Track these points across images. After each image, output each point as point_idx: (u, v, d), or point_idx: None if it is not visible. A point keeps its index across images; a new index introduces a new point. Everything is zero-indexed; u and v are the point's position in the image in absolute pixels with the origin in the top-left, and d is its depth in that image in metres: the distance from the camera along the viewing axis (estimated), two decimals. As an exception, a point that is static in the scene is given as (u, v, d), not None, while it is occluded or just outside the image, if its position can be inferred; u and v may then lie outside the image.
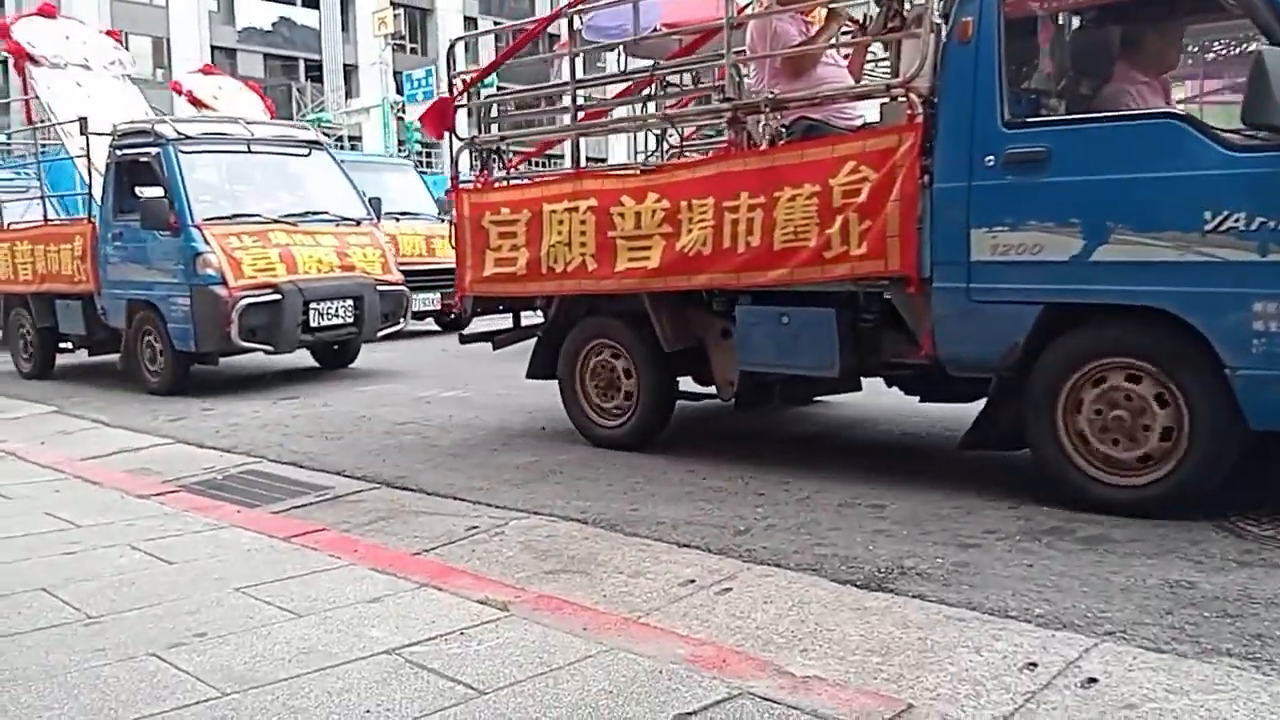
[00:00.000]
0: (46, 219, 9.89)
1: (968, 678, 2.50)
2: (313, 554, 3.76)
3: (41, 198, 10.10)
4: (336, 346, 9.43)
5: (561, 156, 9.30)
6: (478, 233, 5.78)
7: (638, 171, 5.38)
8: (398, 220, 12.11)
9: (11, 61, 11.12)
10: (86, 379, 9.78)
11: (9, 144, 14.67)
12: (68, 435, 6.78)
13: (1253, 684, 2.41)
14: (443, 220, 14.02)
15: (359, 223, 9.17)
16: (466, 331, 6.37)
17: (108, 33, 12.29)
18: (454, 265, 12.55)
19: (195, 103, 12.63)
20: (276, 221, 8.56)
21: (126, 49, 12.22)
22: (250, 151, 8.97)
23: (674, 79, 6.19)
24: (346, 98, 40.94)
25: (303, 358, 9.60)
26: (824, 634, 2.85)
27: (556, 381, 5.83)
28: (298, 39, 42.21)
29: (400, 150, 29.27)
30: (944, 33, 4.16)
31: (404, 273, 10.95)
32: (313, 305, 8.31)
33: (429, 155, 33.36)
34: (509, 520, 4.20)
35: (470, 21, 47.19)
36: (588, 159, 5.78)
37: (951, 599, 3.08)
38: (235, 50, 40.13)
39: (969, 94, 4.07)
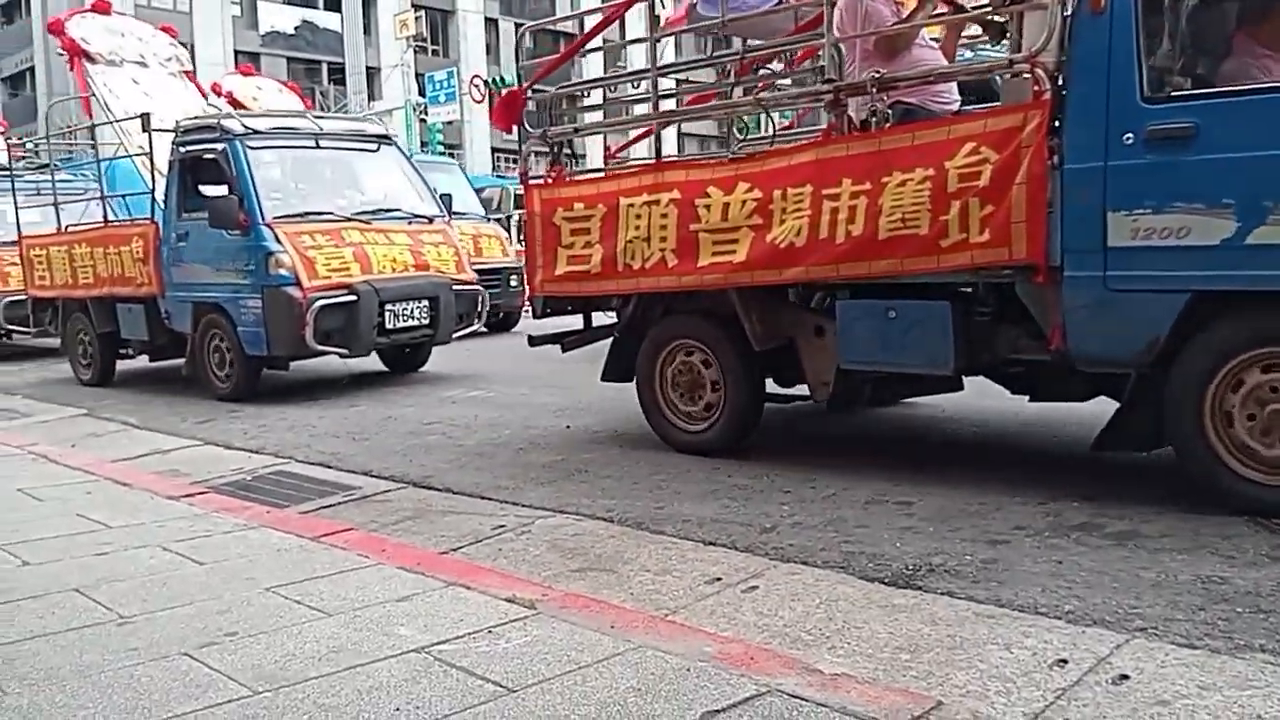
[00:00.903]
0: (107, 220, 9.52)
1: (997, 674, 2.49)
2: (341, 553, 3.78)
3: (101, 198, 9.71)
4: (408, 350, 9.10)
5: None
6: (549, 230, 5.54)
7: (725, 160, 5.05)
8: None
9: (67, 59, 10.81)
10: (117, 382, 9.87)
11: (68, 145, 14.41)
12: (97, 438, 6.85)
13: (1287, 680, 2.38)
14: (489, 220, 13.80)
15: (431, 220, 8.88)
16: (535, 334, 6.06)
17: (163, 28, 11.96)
18: (502, 265, 12.33)
19: (235, 104, 12.35)
20: (349, 219, 8.27)
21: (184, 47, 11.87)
22: (318, 147, 8.66)
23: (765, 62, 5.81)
24: (369, 100, 41.14)
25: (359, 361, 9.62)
26: (852, 631, 2.84)
27: (634, 385, 5.58)
28: (320, 42, 42.45)
29: (423, 150, 29.35)
30: (1070, 4, 3.92)
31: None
32: (388, 306, 7.97)
33: (452, 155, 33.46)
34: (535, 519, 4.21)
35: (491, 23, 47.32)
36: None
37: (980, 596, 3.07)
38: (259, 54, 40.35)
39: (1103, 68, 3.83)
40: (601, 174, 5.86)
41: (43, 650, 2.90)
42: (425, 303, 8.25)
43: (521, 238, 10.84)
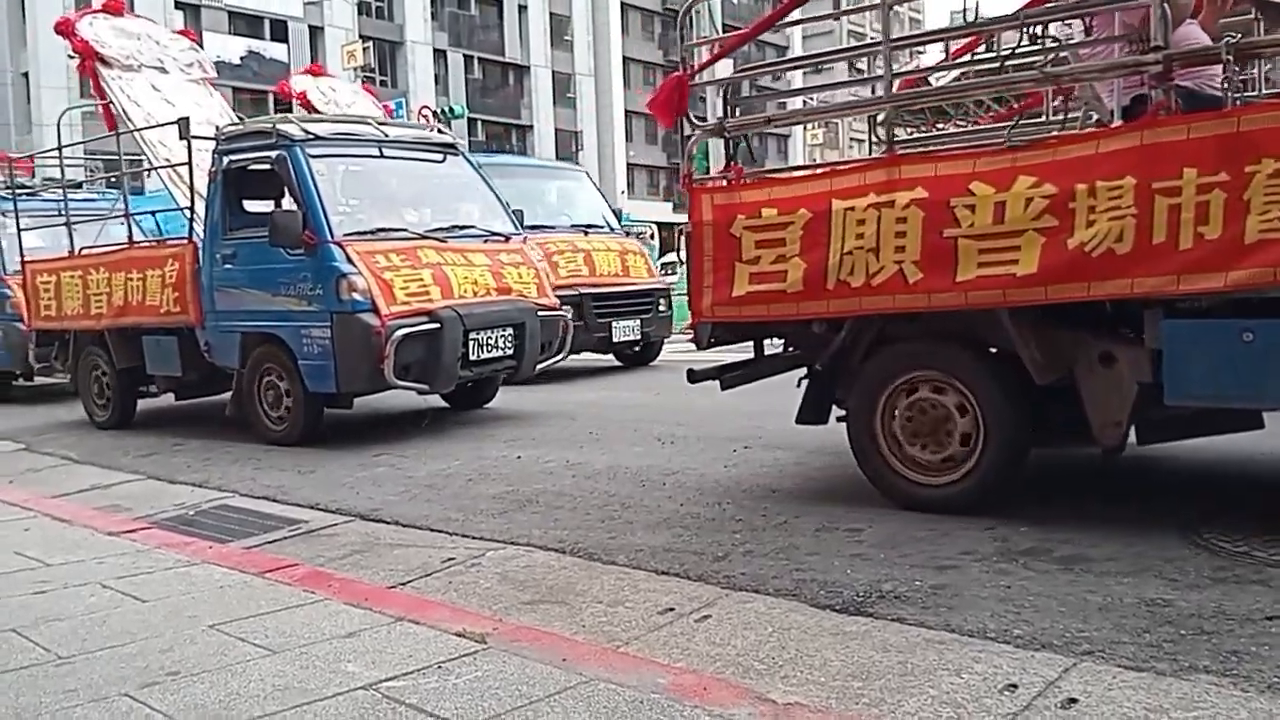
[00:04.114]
0: (131, 240, 8.58)
1: (949, 700, 2.50)
2: (287, 589, 3.71)
3: (125, 216, 8.71)
4: (471, 384, 8.11)
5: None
6: (724, 243, 4.67)
7: (992, 150, 4.19)
8: (586, 233, 11.14)
9: (78, 62, 9.69)
10: (53, 415, 9.65)
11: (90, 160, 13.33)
12: (36, 473, 6.68)
13: (1231, 701, 2.42)
14: (628, 234, 12.81)
15: (508, 238, 8.09)
16: (698, 368, 5.16)
17: (181, 32, 11.09)
18: (651, 288, 11.33)
19: (309, 107, 11.38)
20: (424, 237, 7.43)
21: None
22: (382, 155, 7.80)
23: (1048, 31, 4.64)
24: (317, 130, 40.86)
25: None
26: (804, 659, 2.84)
27: (845, 428, 4.71)
28: (267, 72, 41.99)
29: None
30: None
31: (600, 296, 10.51)
32: (472, 335, 7.15)
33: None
34: (485, 551, 4.17)
35: (439, 54, 47.37)
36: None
37: (930, 621, 3.08)
38: (204, 84, 40.01)
39: None
40: (799, 173, 4.99)
41: (-25, 694, 2.81)
42: (510, 330, 7.47)
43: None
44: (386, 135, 7.83)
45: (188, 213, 7.88)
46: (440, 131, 8.75)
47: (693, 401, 8.49)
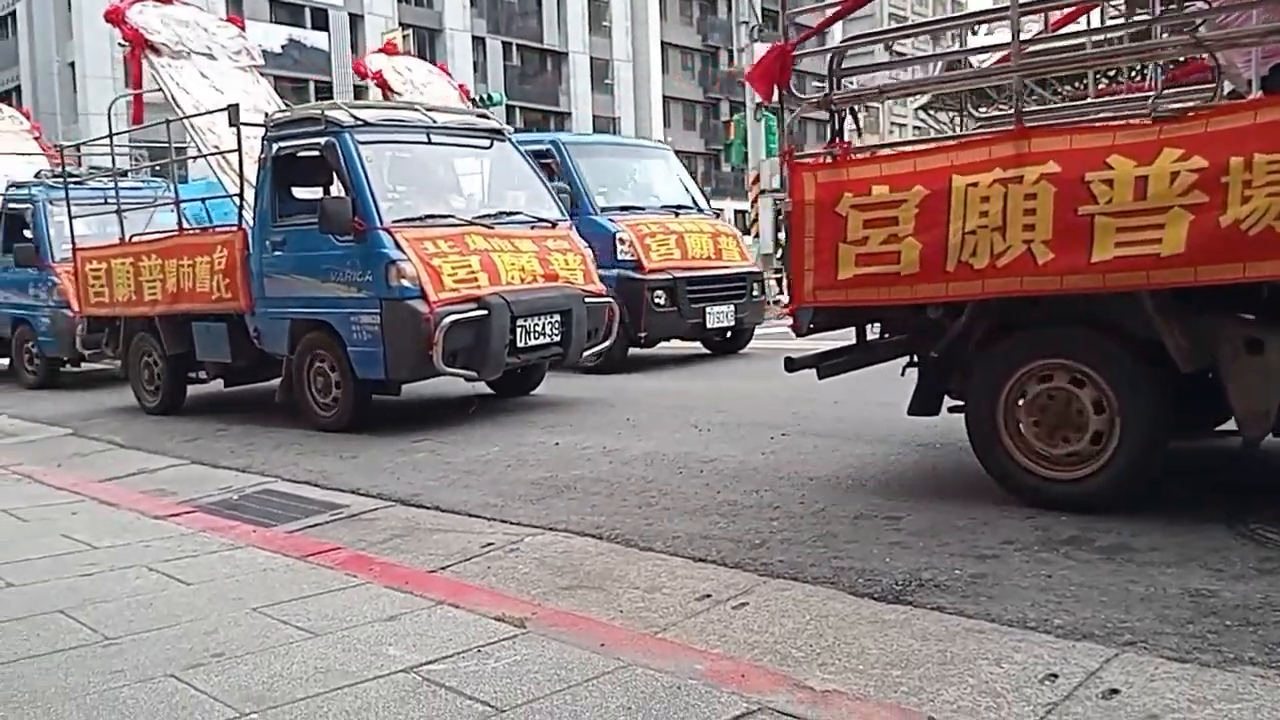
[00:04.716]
0: (181, 228, 8.69)
1: (988, 690, 2.48)
2: (329, 573, 3.76)
3: (175, 203, 8.84)
4: (520, 371, 8.10)
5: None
6: (829, 223, 4.39)
7: (1133, 123, 3.91)
8: (677, 214, 10.71)
9: (127, 50, 9.63)
10: (99, 401, 9.82)
11: (140, 147, 13.33)
12: (83, 457, 6.80)
13: (1277, 693, 2.38)
14: (719, 214, 12.50)
15: (554, 224, 8.03)
16: (797, 356, 4.92)
17: (230, 19, 11.05)
18: (744, 271, 10.83)
19: (385, 86, 11.34)
20: (471, 223, 7.41)
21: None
22: (430, 142, 7.75)
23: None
24: (357, 118, 41.13)
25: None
26: (842, 647, 2.83)
27: (964, 417, 4.46)
28: (307, 61, 42.47)
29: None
30: None
31: (694, 280, 10.17)
32: (519, 322, 7.14)
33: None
34: (524, 536, 4.20)
35: (478, 41, 47.47)
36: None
37: (970, 610, 3.07)
38: (246, 72, 40.43)
39: None
40: (915, 148, 4.72)
41: (27, 673, 2.87)
42: (557, 317, 7.46)
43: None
44: (434, 121, 7.82)
45: (237, 200, 7.94)
46: (485, 117, 8.72)
47: (733, 387, 8.51)
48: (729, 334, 10.86)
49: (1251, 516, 3.76)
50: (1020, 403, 4.23)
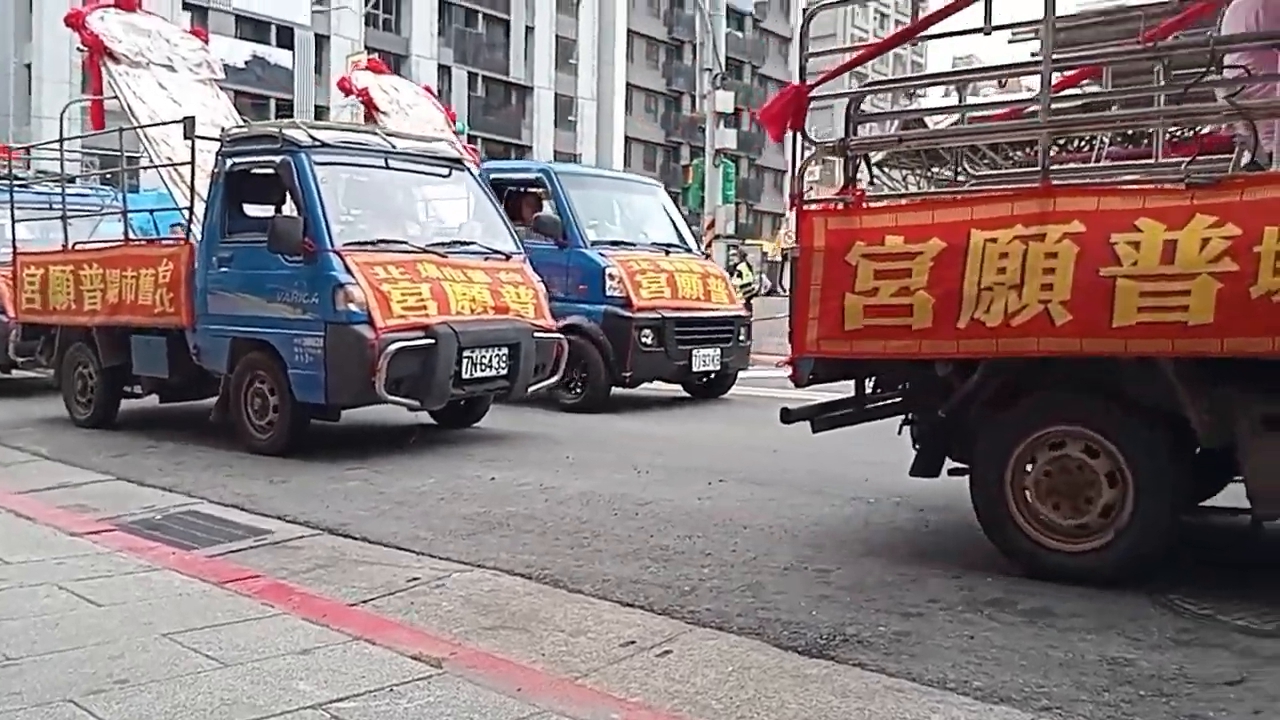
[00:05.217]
0: (127, 238, 8.46)
1: (903, 751, 2.47)
2: (246, 601, 3.67)
3: (122, 213, 8.63)
4: (464, 402, 8.02)
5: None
6: (837, 270, 4.24)
7: (1164, 188, 3.80)
8: (668, 253, 10.45)
9: (86, 55, 9.47)
10: (26, 410, 9.57)
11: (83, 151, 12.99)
12: (5, 467, 6.61)
13: (1185, 766, 2.40)
14: (708, 255, 12.15)
15: (509, 257, 7.96)
16: (794, 407, 4.79)
17: (193, 32, 10.83)
18: (732, 314, 10.56)
19: (370, 104, 11.10)
20: (425, 251, 7.34)
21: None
22: (388, 167, 7.70)
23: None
24: (316, 138, 40.94)
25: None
26: (762, 701, 2.81)
27: (969, 484, 4.31)
28: (270, 78, 42.25)
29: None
30: None
31: (683, 321, 9.85)
32: (466, 353, 7.05)
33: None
34: (451, 572, 4.14)
35: (444, 70, 47.57)
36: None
37: (891, 669, 3.06)
38: (207, 86, 40.13)
39: None
40: (933, 199, 4.64)
41: (-83, 693, 2.76)
42: (505, 350, 7.36)
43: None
44: (394, 146, 7.79)
45: (186, 213, 7.81)
46: (449, 145, 8.68)
47: (674, 431, 8.51)
48: (712, 378, 10.63)
49: (1172, 588, 3.80)
50: (1029, 469, 4.08)
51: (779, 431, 5.04)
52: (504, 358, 7.36)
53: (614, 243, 10.12)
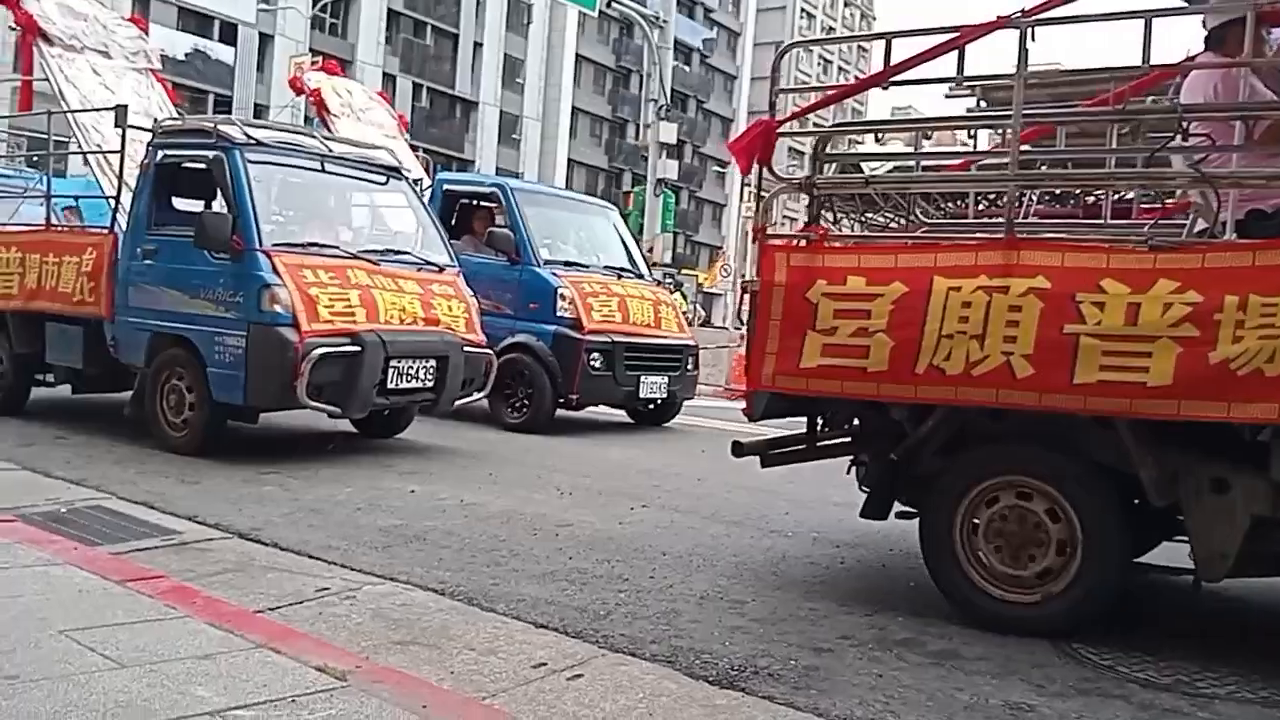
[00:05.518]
0: (49, 224, 8.25)
1: (806, 785, 2.49)
2: (148, 601, 3.56)
3: (45, 197, 8.40)
4: (388, 412, 7.92)
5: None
6: (797, 307, 4.25)
7: (1128, 248, 3.86)
8: (620, 277, 10.35)
9: (18, 34, 9.24)
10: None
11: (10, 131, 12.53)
12: (-99, 452, 6.35)
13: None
14: (660, 283, 11.90)
15: (442, 269, 7.86)
16: (746, 441, 4.78)
17: (132, 19, 10.48)
18: (681, 343, 10.45)
19: (321, 106, 10.89)
20: (356, 257, 7.23)
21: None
22: (323, 170, 7.60)
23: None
24: (254, 137, 40.32)
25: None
26: (670, 729, 2.81)
27: (917, 526, 4.31)
28: (210, 73, 41.53)
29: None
30: None
31: (633, 347, 9.62)
32: (392, 362, 6.94)
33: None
34: (364, 585, 4.06)
35: (389, 79, 47.20)
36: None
37: (800, 703, 3.08)
38: (144, 74, 39.33)
39: None
40: (899, 242, 4.69)
41: None
42: (432, 362, 7.26)
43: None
44: (331, 150, 7.72)
45: (112, 202, 7.64)
46: (389, 153, 8.58)
47: (607, 455, 8.49)
48: (658, 405, 10.48)
49: (1076, 637, 3.88)
50: (978, 518, 4.09)
51: (708, 460, 5.08)
52: (431, 370, 7.27)
53: (567, 263, 10.07)
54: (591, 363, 9.35)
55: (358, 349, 6.73)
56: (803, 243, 4.45)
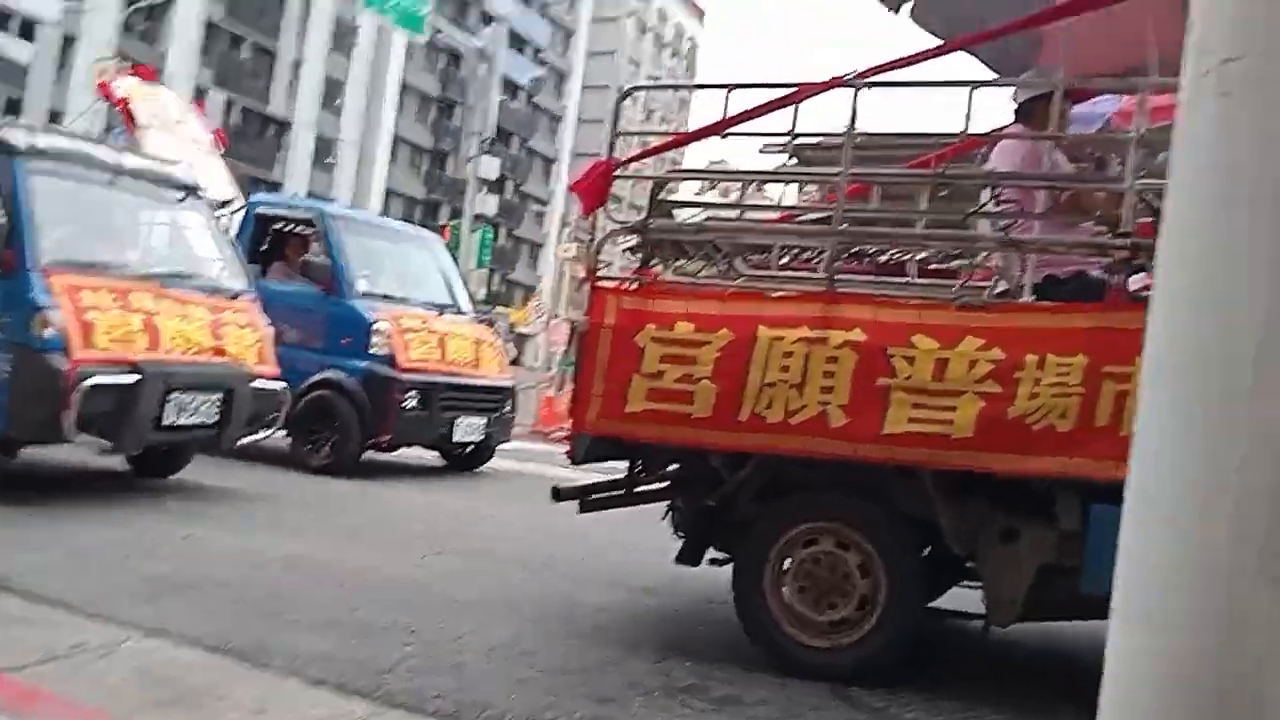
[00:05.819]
0: None
1: None
2: None
3: None
4: (165, 449, 7.32)
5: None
6: (625, 350, 4.24)
7: (937, 304, 4.06)
8: (441, 313, 9.90)
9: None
10: None
11: None
12: None
13: None
14: (483, 321, 11.39)
15: (236, 296, 7.39)
16: (565, 486, 4.82)
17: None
18: (500, 385, 10.03)
19: (127, 116, 10.14)
20: (142, 279, 6.74)
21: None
22: (113, 185, 7.08)
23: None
24: (44, 145, 37.81)
25: None
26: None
27: (731, 572, 4.36)
28: (2, 71, 38.75)
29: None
30: None
31: (449, 386, 9.22)
32: (172, 395, 6.48)
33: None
34: (126, 639, 3.77)
35: (201, 91, 45.24)
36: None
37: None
38: (-81, 71, 36.33)
39: None
40: (726, 289, 4.71)
41: None
42: (217, 396, 6.80)
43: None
44: (123, 164, 7.25)
45: None
46: (187, 169, 8.06)
47: (408, 498, 8.28)
48: (473, 448, 10.07)
49: (855, 681, 4.00)
50: (788, 564, 4.17)
51: (515, 505, 5.02)
52: (215, 404, 6.84)
53: (385, 296, 9.62)
54: (406, 402, 9.00)
55: (134, 380, 6.29)
56: (633, 286, 4.46)
